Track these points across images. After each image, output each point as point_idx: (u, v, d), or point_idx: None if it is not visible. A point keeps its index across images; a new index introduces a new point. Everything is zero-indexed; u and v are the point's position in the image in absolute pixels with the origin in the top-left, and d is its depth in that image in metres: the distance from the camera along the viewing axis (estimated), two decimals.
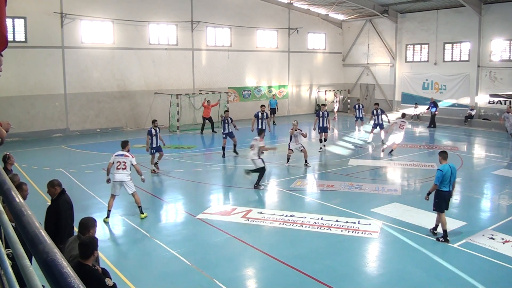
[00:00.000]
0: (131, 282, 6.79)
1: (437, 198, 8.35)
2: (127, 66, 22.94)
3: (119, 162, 9.42)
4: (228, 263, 7.56)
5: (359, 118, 21.48)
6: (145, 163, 15.16)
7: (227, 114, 16.41)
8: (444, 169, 8.21)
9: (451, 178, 8.27)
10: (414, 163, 15.13)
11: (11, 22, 19.43)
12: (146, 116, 23.67)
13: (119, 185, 9.46)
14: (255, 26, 27.28)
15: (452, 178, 8.28)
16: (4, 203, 2.08)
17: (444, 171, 8.19)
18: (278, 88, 29.08)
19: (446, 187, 8.27)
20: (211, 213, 10.08)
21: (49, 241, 1.42)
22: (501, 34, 23.00)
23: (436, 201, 8.38)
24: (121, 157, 9.49)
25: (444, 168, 8.24)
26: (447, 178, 8.21)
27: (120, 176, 9.37)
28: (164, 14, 23.71)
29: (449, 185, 8.28)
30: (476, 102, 24.26)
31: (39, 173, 13.50)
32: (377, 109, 18.60)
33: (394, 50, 28.39)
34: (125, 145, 9.83)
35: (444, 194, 8.30)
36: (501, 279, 7.02)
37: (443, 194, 8.30)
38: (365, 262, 7.66)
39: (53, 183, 6.41)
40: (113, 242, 8.86)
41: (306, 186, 12.55)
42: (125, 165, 9.43)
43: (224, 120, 16.25)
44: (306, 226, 9.12)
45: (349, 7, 28.59)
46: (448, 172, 8.21)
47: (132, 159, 9.56)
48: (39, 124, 20.77)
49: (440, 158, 8.53)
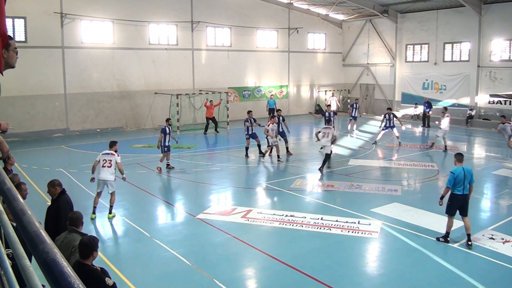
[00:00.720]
0: (131, 282, 6.78)
1: (449, 201, 8.13)
2: (127, 66, 22.94)
3: (104, 160, 9.60)
4: (228, 263, 7.56)
5: (354, 117, 21.49)
6: (145, 162, 15.17)
7: (250, 115, 16.31)
8: (456, 172, 7.98)
9: (465, 181, 7.99)
10: (414, 163, 15.14)
11: (11, 22, 19.43)
12: (146, 116, 23.69)
13: (102, 183, 9.61)
14: (255, 26, 27.28)
15: (465, 181, 7.99)
16: (4, 203, 2.08)
17: (456, 173, 7.96)
18: (279, 88, 29.08)
19: (460, 190, 8.00)
20: (211, 213, 10.08)
21: (49, 241, 1.42)
22: (501, 34, 23.00)
23: (448, 204, 8.17)
24: (107, 156, 9.67)
25: (456, 170, 8.01)
26: (459, 180, 7.95)
27: (104, 174, 9.53)
28: (164, 14, 23.72)
29: (462, 188, 8.00)
30: (476, 102, 24.27)
31: (39, 173, 13.50)
32: (389, 114, 18.35)
33: (394, 50, 28.40)
34: (113, 145, 9.96)
35: (457, 198, 8.03)
36: (501, 279, 7.02)
37: (455, 198, 8.04)
38: (365, 262, 7.66)
39: (53, 183, 6.42)
40: (113, 242, 8.86)
41: (306, 186, 12.55)
42: (110, 163, 9.58)
43: (247, 120, 16.07)
44: (306, 226, 9.11)
45: (349, 7, 28.59)
46: (461, 174, 7.95)
47: (117, 158, 9.69)
48: (39, 124, 20.77)
49: (455, 160, 8.30)
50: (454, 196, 8.07)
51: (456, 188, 8.02)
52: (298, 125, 24.65)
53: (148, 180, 13.04)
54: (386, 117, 18.39)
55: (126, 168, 14.25)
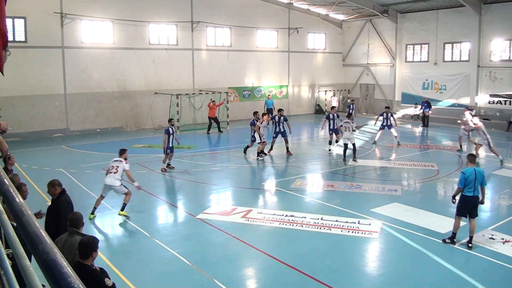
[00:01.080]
0: (131, 282, 6.78)
1: (460, 202, 8.06)
2: (127, 66, 22.95)
3: (112, 167, 9.85)
4: (228, 263, 7.56)
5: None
6: (145, 162, 15.17)
7: (281, 112, 16.50)
8: (467, 172, 7.89)
9: (476, 183, 7.88)
10: (414, 163, 15.14)
11: (11, 22, 19.43)
12: (146, 116, 23.69)
13: (108, 188, 9.81)
14: (255, 26, 27.28)
15: (476, 182, 7.88)
16: (4, 203, 2.08)
17: (467, 174, 7.87)
18: (279, 88, 29.09)
19: (470, 191, 7.90)
20: (211, 213, 10.08)
21: (49, 241, 1.42)
22: (501, 34, 23.00)
23: (458, 205, 8.07)
24: (115, 162, 9.92)
25: (467, 171, 7.92)
26: (470, 181, 7.85)
27: (109, 180, 9.72)
28: (164, 14, 23.72)
29: (473, 189, 7.89)
30: (476, 102, 24.26)
31: (39, 173, 13.50)
32: (387, 113, 18.44)
33: (394, 50, 28.39)
34: (122, 153, 10.18)
35: (467, 199, 7.94)
36: (501, 279, 7.02)
37: (466, 199, 7.95)
38: (365, 262, 7.65)
39: (53, 183, 6.42)
40: (113, 242, 8.86)
41: (306, 186, 12.55)
42: (117, 169, 9.76)
43: (276, 118, 16.34)
44: (306, 226, 9.11)
45: (349, 7, 28.59)
46: (472, 175, 7.85)
47: (125, 165, 9.85)
48: (39, 124, 20.78)
49: (467, 160, 8.27)
50: (465, 197, 7.97)
51: (466, 189, 7.92)
52: (298, 125, 24.63)
53: (148, 180, 13.04)
54: (384, 116, 18.42)
55: None
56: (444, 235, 8.50)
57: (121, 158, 10.02)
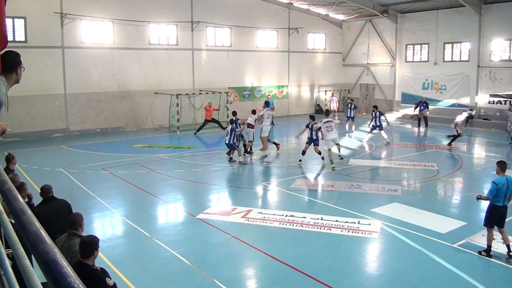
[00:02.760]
0: (131, 282, 6.78)
1: (489, 213, 7.56)
2: (127, 66, 22.94)
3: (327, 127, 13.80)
4: (228, 263, 7.56)
5: (350, 118, 21.44)
6: (145, 162, 15.16)
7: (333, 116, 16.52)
8: (500, 183, 7.34)
9: (507, 193, 7.38)
10: (414, 163, 15.14)
11: (11, 22, 19.42)
12: (146, 116, 23.69)
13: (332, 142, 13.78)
14: (255, 26, 27.28)
15: (508, 192, 7.38)
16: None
17: (500, 184, 7.33)
18: (279, 88, 29.08)
19: (501, 201, 7.41)
20: (211, 213, 10.08)
21: (49, 241, 1.42)
22: (501, 34, 23.00)
23: (487, 216, 7.59)
24: (328, 123, 13.68)
25: (500, 181, 7.36)
26: (502, 192, 7.34)
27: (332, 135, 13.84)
28: (164, 14, 23.71)
29: (503, 199, 7.41)
30: (476, 102, 24.27)
31: (39, 173, 13.49)
32: (374, 111, 18.44)
33: (394, 50, 28.39)
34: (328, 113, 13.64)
35: (497, 210, 7.46)
36: (501, 279, 7.02)
37: (496, 209, 7.46)
38: (365, 262, 7.65)
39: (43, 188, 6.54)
40: (113, 242, 8.84)
41: (306, 186, 12.55)
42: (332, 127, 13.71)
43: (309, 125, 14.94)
44: (306, 226, 9.12)
45: (349, 7, 28.59)
46: (504, 186, 7.33)
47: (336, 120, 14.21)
48: (39, 124, 20.77)
49: (498, 169, 7.61)
50: (495, 208, 7.47)
51: (497, 199, 7.42)
52: (298, 125, 24.58)
53: (148, 180, 13.04)
54: (373, 115, 18.38)
55: (126, 168, 14.32)
56: (444, 235, 8.52)
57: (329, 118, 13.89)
